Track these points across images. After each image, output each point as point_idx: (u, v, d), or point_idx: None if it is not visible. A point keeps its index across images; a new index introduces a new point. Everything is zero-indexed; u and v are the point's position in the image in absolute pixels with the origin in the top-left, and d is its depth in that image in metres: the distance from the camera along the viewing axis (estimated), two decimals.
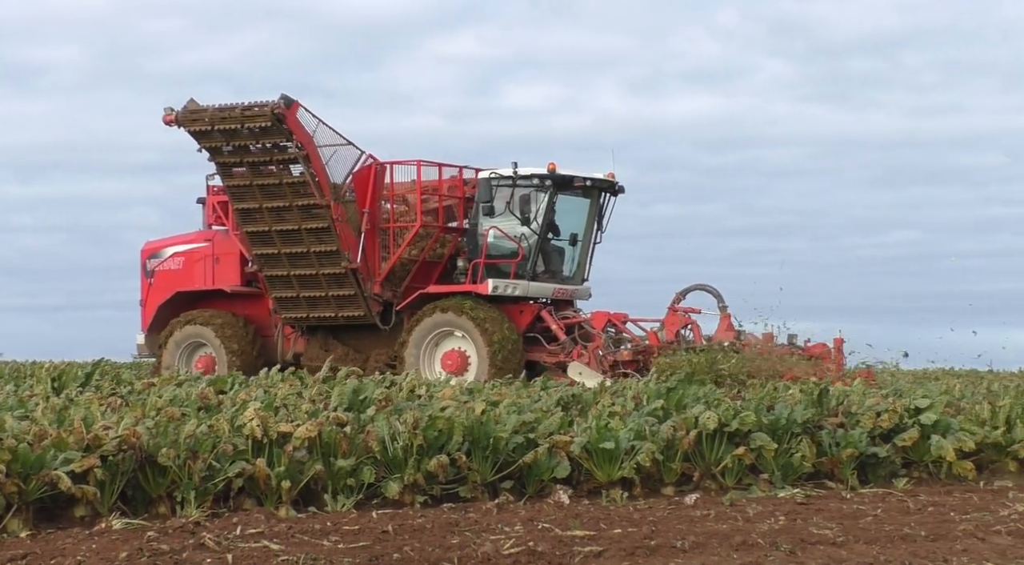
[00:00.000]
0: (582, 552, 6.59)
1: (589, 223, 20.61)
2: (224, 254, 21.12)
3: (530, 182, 19.75)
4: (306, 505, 7.91)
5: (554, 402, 10.86)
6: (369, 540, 6.86)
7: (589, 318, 20.02)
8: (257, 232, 19.88)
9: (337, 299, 19.92)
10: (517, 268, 19.73)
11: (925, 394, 11.45)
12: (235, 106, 18.93)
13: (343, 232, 19.45)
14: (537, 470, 8.55)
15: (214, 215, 21.25)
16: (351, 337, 20.61)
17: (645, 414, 9.68)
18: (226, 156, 19.42)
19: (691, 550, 6.71)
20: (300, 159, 19.04)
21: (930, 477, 9.87)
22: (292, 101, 18.69)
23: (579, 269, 20.77)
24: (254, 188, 19.55)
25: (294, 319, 20.51)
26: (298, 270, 19.85)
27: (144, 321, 21.82)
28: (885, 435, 9.94)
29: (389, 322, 20.13)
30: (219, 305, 21.21)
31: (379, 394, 10.22)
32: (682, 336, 19.39)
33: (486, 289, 19.43)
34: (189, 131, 19.23)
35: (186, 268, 21.44)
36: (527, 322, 19.77)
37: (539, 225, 19.80)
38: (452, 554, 6.46)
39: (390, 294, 20.03)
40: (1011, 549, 6.87)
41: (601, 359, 18.89)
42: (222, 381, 12.26)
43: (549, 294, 20.28)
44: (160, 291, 21.53)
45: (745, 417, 9.23)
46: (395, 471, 8.20)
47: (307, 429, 8.05)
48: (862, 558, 6.56)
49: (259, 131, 18.88)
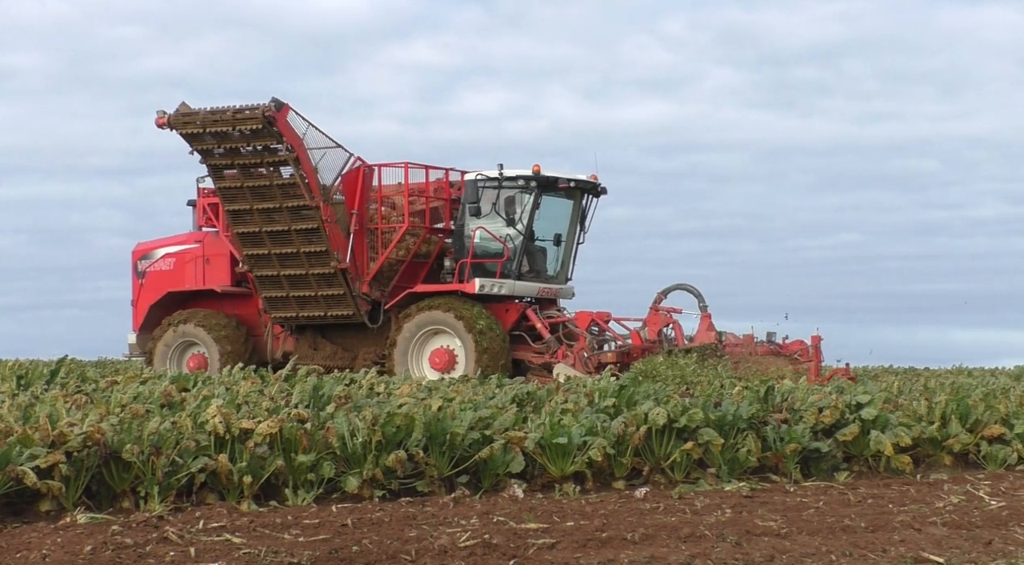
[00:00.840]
0: (536, 544, 6.75)
1: (572, 224, 20.80)
2: (214, 255, 21.20)
3: (515, 183, 19.95)
4: (267, 499, 8.04)
5: (509, 399, 11.04)
6: (329, 533, 6.99)
7: (573, 317, 20.18)
8: (248, 233, 19.96)
9: (326, 298, 20.03)
10: (503, 267, 19.90)
11: (865, 391, 11.73)
12: (226, 109, 19.00)
13: (332, 233, 19.56)
14: (492, 465, 8.73)
15: (204, 217, 21.29)
16: (339, 336, 20.72)
17: (597, 411, 9.88)
18: (217, 158, 19.48)
19: (641, 542, 6.89)
20: (290, 161, 19.14)
21: (870, 470, 10.13)
22: (283, 104, 18.79)
23: (563, 269, 20.97)
24: (245, 190, 19.62)
25: (284, 318, 20.59)
26: (288, 270, 19.97)
27: (135, 321, 21.84)
28: (827, 430, 10.20)
29: (377, 321, 20.24)
30: (209, 305, 21.27)
31: (339, 391, 10.38)
32: (664, 335, 19.50)
33: (473, 288, 19.60)
34: (181, 134, 19.24)
35: (177, 269, 21.48)
36: (513, 321, 19.94)
37: (524, 225, 20.00)
38: (410, 547, 6.61)
39: (378, 294, 20.15)
40: (946, 540, 7.11)
41: (586, 360, 19.00)
42: (185, 379, 12.35)
43: (534, 293, 20.46)
44: (151, 291, 21.59)
45: (693, 414, 9.45)
46: (354, 466, 8.36)
47: (268, 425, 8.19)
48: (805, 549, 6.76)
49: (250, 133, 18.97)
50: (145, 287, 21.72)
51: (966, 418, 10.75)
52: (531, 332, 19.95)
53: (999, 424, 10.73)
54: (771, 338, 19.28)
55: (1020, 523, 7.69)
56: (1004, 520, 7.81)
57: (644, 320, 19.73)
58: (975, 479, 9.75)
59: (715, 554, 6.58)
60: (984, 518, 7.86)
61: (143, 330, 21.59)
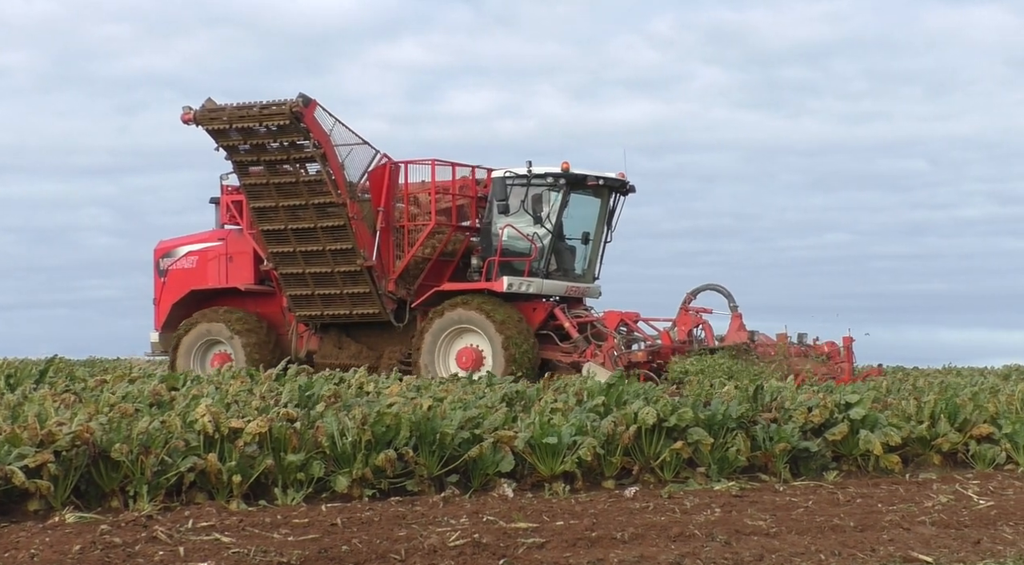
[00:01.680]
0: (525, 544, 6.76)
1: (600, 222, 20.64)
2: (238, 253, 21.07)
3: (544, 181, 19.79)
4: (256, 499, 8.04)
5: (499, 398, 11.05)
6: (318, 533, 7.00)
7: (601, 317, 20.02)
8: (273, 230, 19.81)
9: (352, 297, 19.91)
10: (531, 266, 19.76)
11: (854, 390, 11.76)
12: (253, 105, 18.83)
13: (358, 230, 19.42)
14: (482, 464, 8.74)
15: (228, 214, 21.13)
16: (364, 335, 20.58)
17: (587, 410, 9.89)
18: (242, 155, 19.33)
19: (631, 541, 6.91)
20: (317, 157, 18.99)
21: (858, 470, 10.15)
22: (310, 100, 18.64)
23: (590, 267, 20.81)
24: (270, 186, 19.47)
25: (308, 317, 20.45)
26: (313, 268, 19.83)
27: (157, 319, 21.72)
28: (816, 430, 10.23)
29: (403, 320, 20.11)
30: (232, 303, 21.12)
31: (328, 391, 10.38)
32: (694, 336, 19.32)
33: (501, 286, 19.45)
34: (207, 129, 19.09)
35: (200, 267, 21.35)
36: (540, 320, 19.79)
37: (552, 223, 19.84)
38: (399, 546, 6.61)
39: (404, 292, 20.01)
40: (935, 539, 7.13)
41: (616, 359, 18.84)
42: (174, 378, 12.34)
43: (562, 292, 20.30)
44: (174, 290, 21.45)
45: (683, 413, 9.47)
46: (344, 466, 8.36)
47: (258, 425, 8.19)
48: (794, 548, 6.78)
49: (276, 129, 18.80)
50: (167, 285, 21.57)
51: (955, 417, 10.78)
52: (558, 331, 19.76)
53: (988, 423, 10.76)
54: (802, 339, 19.12)
55: (1008, 522, 7.72)
56: (993, 519, 7.84)
57: (674, 320, 19.55)
58: (964, 478, 9.78)
59: (704, 553, 6.60)
60: (973, 517, 7.89)
61: (165, 329, 21.42)
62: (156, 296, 21.85)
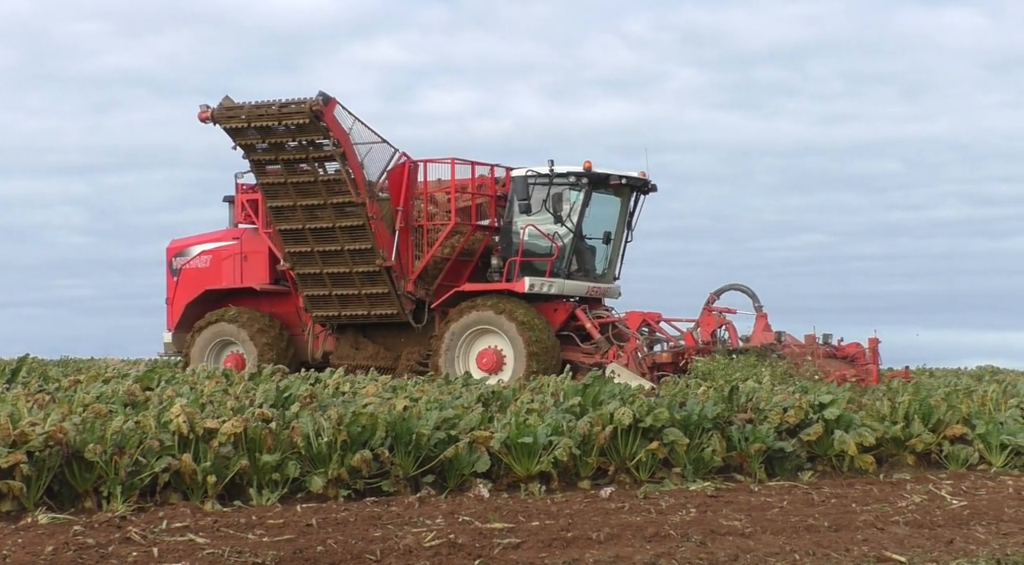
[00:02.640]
0: (501, 544, 6.77)
1: (620, 222, 20.41)
2: (252, 252, 20.81)
3: (566, 180, 19.56)
4: (231, 499, 8.02)
5: (474, 398, 11.05)
6: (293, 533, 6.99)
7: (623, 318, 19.75)
8: (290, 230, 19.59)
9: (370, 297, 19.71)
10: (552, 266, 19.54)
11: (828, 391, 11.81)
12: (272, 103, 18.62)
13: (378, 230, 19.22)
14: (458, 464, 8.74)
15: (243, 213, 20.85)
16: (381, 336, 20.38)
17: (563, 410, 9.90)
18: (260, 153, 19.12)
19: (606, 542, 6.92)
20: (337, 157, 18.78)
21: (833, 470, 10.20)
22: (330, 98, 18.43)
23: (610, 268, 20.58)
24: (288, 186, 19.25)
25: (325, 317, 20.24)
26: (331, 268, 19.63)
27: (170, 319, 21.47)
28: (791, 430, 10.27)
29: (422, 321, 19.88)
30: (246, 303, 20.88)
31: (304, 391, 10.36)
32: (718, 337, 19.01)
33: (523, 287, 19.20)
34: (224, 128, 18.88)
35: (214, 266, 21.09)
36: (561, 321, 19.55)
37: (574, 223, 19.63)
38: (375, 547, 6.61)
39: (423, 292, 19.80)
40: (908, 539, 7.18)
41: (640, 360, 18.63)
42: (149, 378, 12.29)
43: (583, 292, 20.06)
44: (187, 289, 21.19)
45: (659, 413, 9.49)
46: (319, 466, 8.35)
47: (233, 425, 8.17)
48: (769, 548, 6.81)
49: (295, 128, 18.58)
50: (180, 285, 21.31)
51: (929, 418, 10.84)
52: (579, 332, 19.53)
53: (961, 424, 10.83)
54: (827, 340, 18.89)
55: (981, 522, 7.77)
56: (966, 519, 7.88)
57: (697, 321, 19.14)
58: (937, 479, 9.84)
59: (680, 554, 6.61)
60: (946, 517, 7.94)
61: (179, 329, 21.19)
62: (169, 296, 21.56)
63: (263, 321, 20.48)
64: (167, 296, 21.65)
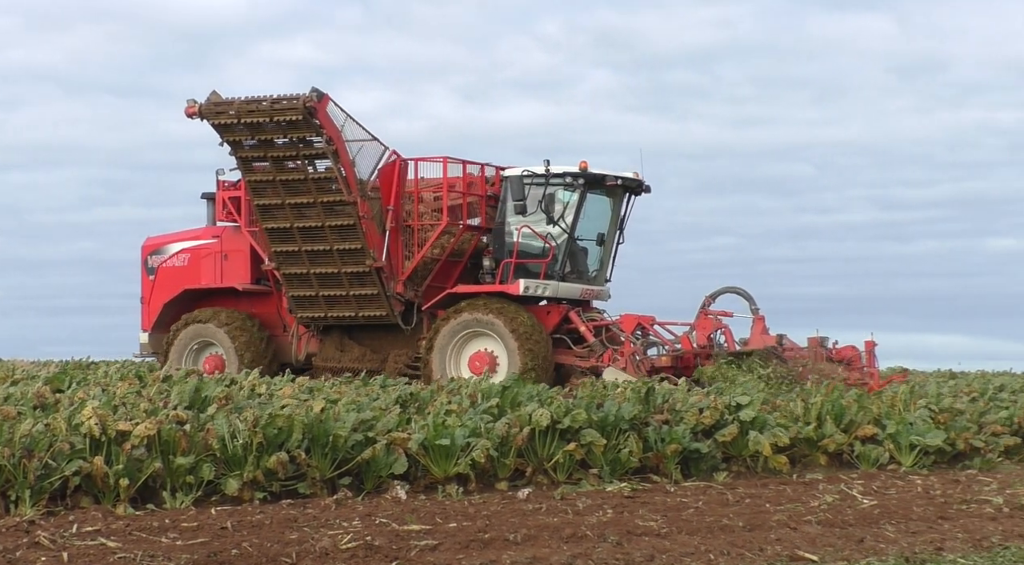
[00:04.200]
0: (418, 546, 6.76)
1: (612, 223, 20.16)
2: (233, 251, 20.33)
3: (562, 180, 19.26)
4: (144, 503, 7.92)
5: (393, 400, 11.02)
6: (208, 536, 6.92)
7: (618, 321, 19.45)
8: (277, 229, 19.15)
9: (358, 298, 19.32)
10: (547, 268, 19.26)
11: (744, 392, 11.95)
12: (263, 99, 18.20)
13: (368, 230, 18.84)
14: (375, 466, 8.71)
15: (225, 211, 20.33)
16: (368, 337, 20.00)
17: (481, 412, 9.91)
18: (248, 150, 18.67)
19: (523, 543, 6.94)
20: (329, 154, 18.35)
21: (748, 470, 10.33)
22: (323, 94, 18.03)
23: (602, 269, 20.31)
24: (276, 183, 18.82)
25: (310, 318, 19.84)
26: (319, 268, 19.23)
27: (147, 319, 20.88)
28: (707, 431, 10.38)
29: (411, 322, 19.53)
30: (226, 303, 20.44)
31: (219, 392, 10.25)
32: (714, 340, 18.72)
33: (517, 289, 18.90)
34: (212, 124, 18.42)
35: (192, 265, 20.59)
36: (554, 323, 19.24)
37: (569, 224, 19.33)
38: (290, 549, 6.56)
39: (412, 293, 19.44)
40: (820, 538, 7.28)
41: (638, 364, 18.38)
42: (59, 380, 12.08)
43: (577, 295, 19.76)
44: (165, 289, 20.64)
45: (576, 415, 9.53)
46: (235, 468, 8.27)
47: (146, 427, 8.06)
48: (684, 548, 6.87)
49: (286, 125, 18.20)
50: (157, 284, 20.77)
51: (840, 419, 11.02)
52: (571, 335, 19.25)
53: (872, 424, 11.02)
54: (823, 343, 18.74)
55: (891, 521, 7.91)
56: (876, 518, 8.02)
57: (692, 324, 18.83)
58: (849, 478, 10.00)
59: (596, 554, 6.64)
60: (857, 516, 8.07)
61: (156, 329, 20.65)
62: (145, 295, 21.01)
63: (244, 322, 20.10)
64: (142, 295, 21.10)
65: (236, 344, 19.87)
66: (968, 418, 11.87)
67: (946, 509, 8.46)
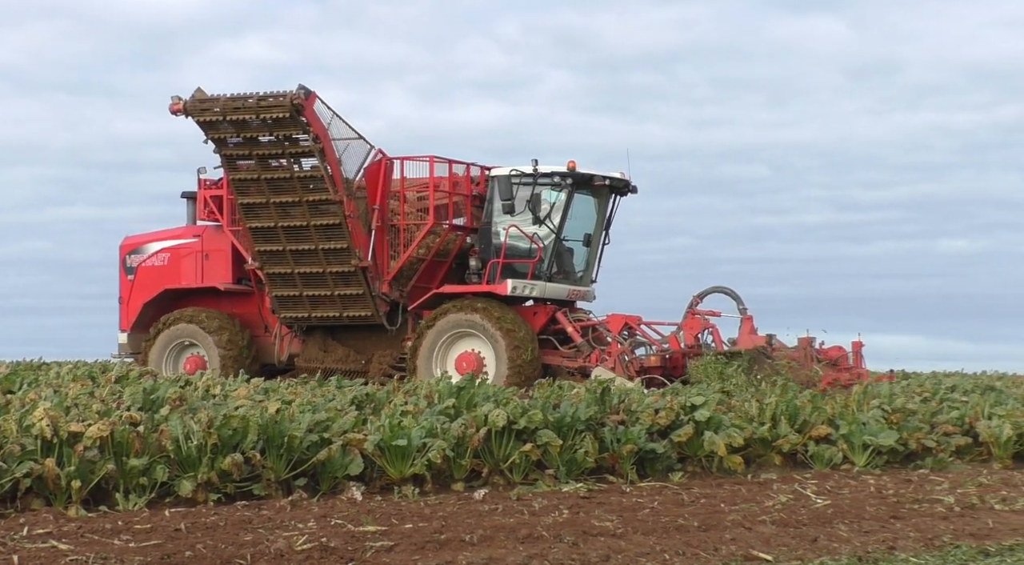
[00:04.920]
0: (374, 547, 6.74)
1: (598, 223, 20.06)
2: (214, 250, 20.14)
3: (550, 180, 19.13)
4: (97, 505, 7.85)
5: (348, 401, 10.98)
6: (161, 538, 6.87)
7: (605, 321, 19.31)
8: (261, 228, 18.96)
9: (343, 298, 19.16)
10: (534, 268, 19.13)
11: (699, 392, 12.00)
12: (249, 96, 18.00)
13: (354, 229, 18.68)
14: (331, 467, 8.68)
15: (206, 210, 20.12)
16: (351, 338, 19.83)
17: (437, 412, 9.90)
18: (232, 148, 18.46)
19: (479, 543, 6.94)
20: (316, 152, 18.18)
21: (703, 471, 10.37)
22: (310, 92, 17.86)
23: (587, 270, 20.19)
24: (261, 181, 18.64)
25: (293, 318, 19.66)
26: (303, 268, 19.05)
27: (125, 319, 20.62)
28: (662, 431, 10.41)
29: (396, 323, 19.39)
30: (207, 303, 20.23)
31: (173, 393, 10.17)
32: (700, 340, 18.57)
33: (505, 289, 18.78)
34: (197, 121, 18.20)
35: (172, 264, 20.37)
36: (541, 324, 19.14)
37: (556, 224, 19.21)
38: (245, 551, 6.53)
39: (397, 294, 19.29)
40: (775, 537, 7.33)
41: (627, 364, 18.28)
42: (10, 381, 11.94)
43: (563, 295, 19.66)
44: (145, 288, 20.42)
45: (532, 415, 9.54)
46: (189, 470, 8.21)
47: (99, 428, 7.99)
48: (640, 548, 6.89)
49: (272, 122, 17.99)
50: (136, 284, 20.54)
51: (795, 419, 11.10)
52: (558, 336, 19.17)
53: (826, 425, 11.10)
54: (811, 344, 18.45)
55: (844, 521, 7.98)
56: (829, 518, 8.09)
57: (680, 324, 18.73)
58: (803, 478, 10.07)
59: (552, 555, 6.66)
60: (810, 516, 8.13)
61: (135, 329, 20.41)
62: (123, 295, 20.77)
63: (226, 322, 19.91)
64: (120, 295, 20.86)
65: (219, 345, 19.69)
66: (920, 418, 11.98)
67: (898, 508, 8.54)
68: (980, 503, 8.80)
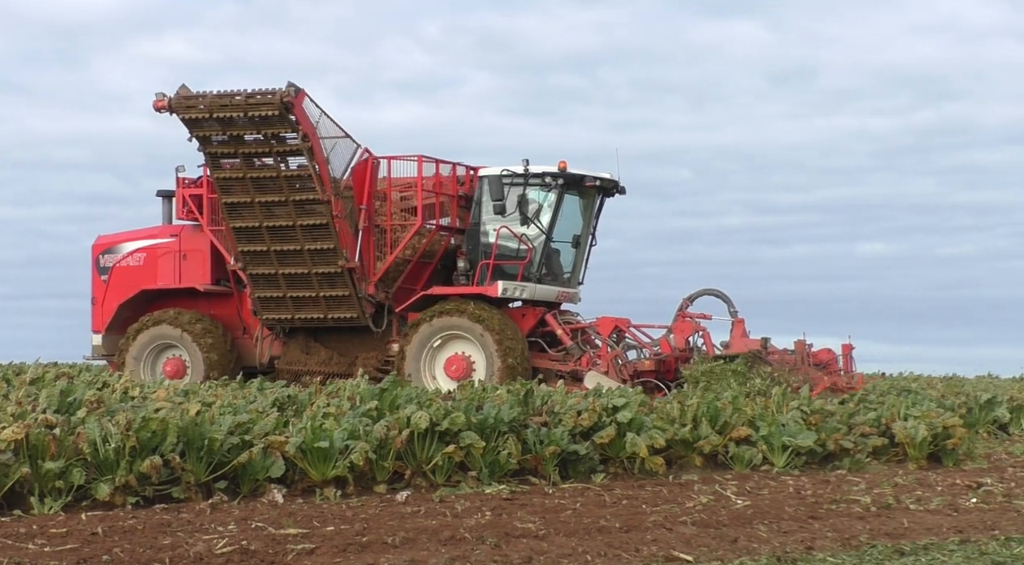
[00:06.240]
0: (295, 550, 6.70)
1: (586, 224, 19.89)
2: (192, 250, 19.75)
3: (541, 180, 18.94)
4: (11, 509, 7.72)
5: (270, 403, 10.90)
6: (77, 542, 6.78)
7: (595, 323, 19.15)
8: (245, 228, 18.55)
9: (328, 300, 18.81)
10: (524, 270, 18.91)
11: (621, 394, 12.08)
12: (237, 93, 17.61)
13: (341, 229, 18.35)
14: (252, 470, 8.60)
15: (185, 209, 19.66)
16: (335, 340, 19.49)
17: (359, 414, 9.86)
18: (217, 146, 18.04)
19: (401, 546, 6.92)
20: (304, 151, 17.80)
21: (625, 472, 10.43)
22: (299, 89, 17.53)
23: (575, 272, 20.00)
24: (247, 180, 18.23)
25: (276, 320, 19.28)
26: (288, 268, 18.68)
27: (99, 320, 20.12)
28: (585, 433, 10.46)
29: (381, 325, 19.09)
30: (184, 304, 19.79)
31: (90, 395, 10.02)
32: (691, 344, 18.49)
33: (495, 291, 18.54)
34: (182, 118, 17.76)
35: (148, 264, 19.93)
36: (530, 326, 18.92)
37: (546, 225, 19.00)
38: (164, 555, 6.46)
39: (383, 295, 18.99)
40: (695, 538, 7.40)
41: (620, 368, 18.11)
42: None
43: (553, 297, 19.46)
44: (120, 289, 19.94)
45: (455, 417, 9.53)
46: (106, 473, 8.10)
47: (14, 431, 7.85)
48: (562, 550, 6.92)
49: (259, 120, 17.61)
50: (111, 284, 20.07)
51: (716, 420, 11.20)
52: (546, 338, 18.99)
53: (746, 426, 11.23)
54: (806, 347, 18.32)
55: (764, 521, 8.07)
56: (749, 518, 8.18)
57: (671, 327, 18.66)
58: (723, 479, 10.17)
59: (474, 557, 6.66)
60: (731, 517, 8.21)
61: (110, 331, 19.95)
62: (97, 295, 20.29)
63: (207, 323, 19.54)
64: (94, 295, 20.40)
65: (201, 347, 19.35)
66: (838, 419, 12.16)
67: (816, 509, 8.66)
68: (896, 503, 8.95)
